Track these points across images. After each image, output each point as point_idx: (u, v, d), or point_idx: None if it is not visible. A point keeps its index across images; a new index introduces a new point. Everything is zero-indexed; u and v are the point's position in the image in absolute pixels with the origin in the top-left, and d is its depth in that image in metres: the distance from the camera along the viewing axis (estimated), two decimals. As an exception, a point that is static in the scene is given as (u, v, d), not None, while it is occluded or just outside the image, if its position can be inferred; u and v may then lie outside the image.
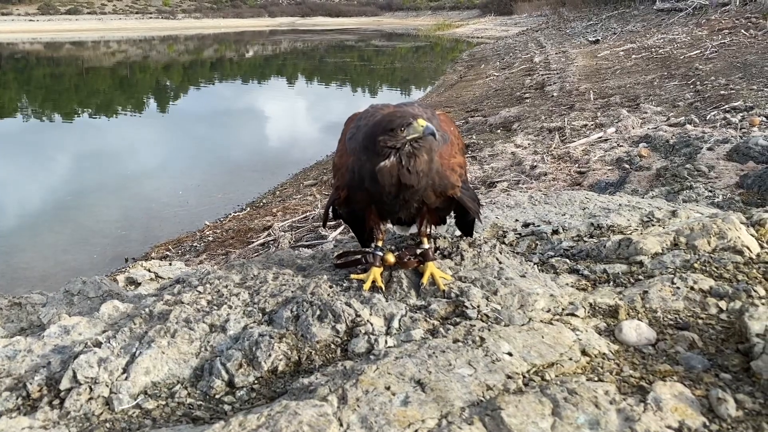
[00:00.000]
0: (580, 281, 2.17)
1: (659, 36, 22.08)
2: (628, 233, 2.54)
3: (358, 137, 2.01)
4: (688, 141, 6.62)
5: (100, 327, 2.10)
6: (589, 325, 1.86)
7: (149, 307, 2.11)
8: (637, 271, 2.18)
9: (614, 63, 18.19)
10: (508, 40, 39.56)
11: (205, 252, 7.87)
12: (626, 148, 7.36)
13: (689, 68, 13.76)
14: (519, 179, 7.22)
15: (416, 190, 1.95)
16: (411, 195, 1.97)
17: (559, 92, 14.23)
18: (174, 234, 9.29)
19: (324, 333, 1.87)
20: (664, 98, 11.10)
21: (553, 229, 2.68)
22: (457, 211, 2.32)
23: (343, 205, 2.17)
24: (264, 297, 2.08)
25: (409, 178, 1.91)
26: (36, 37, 69.73)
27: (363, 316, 1.92)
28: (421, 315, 1.93)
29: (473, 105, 15.86)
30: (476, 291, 2.00)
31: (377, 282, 2.08)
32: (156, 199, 11.64)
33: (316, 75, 37.70)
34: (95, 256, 8.81)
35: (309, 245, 6.69)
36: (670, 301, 1.93)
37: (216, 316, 1.99)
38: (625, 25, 29.89)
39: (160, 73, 40.28)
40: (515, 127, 11.06)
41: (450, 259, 2.29)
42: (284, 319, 1.93)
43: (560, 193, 3.47)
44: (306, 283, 2.15)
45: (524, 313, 1.90)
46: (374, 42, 61.59)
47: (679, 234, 2.35)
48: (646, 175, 5.94)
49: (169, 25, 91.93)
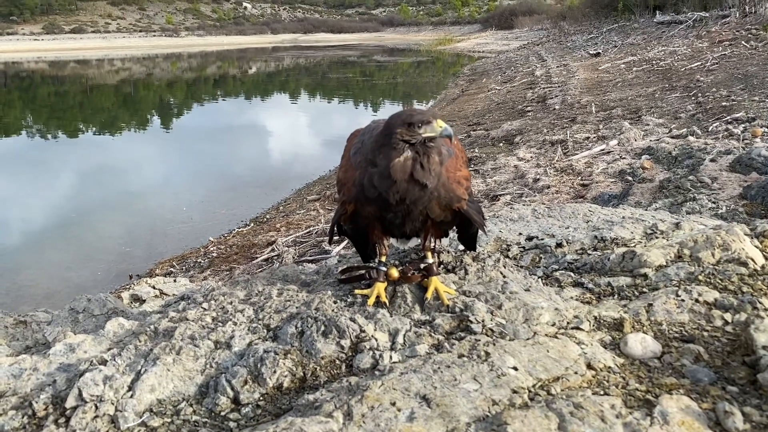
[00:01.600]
0: (585, 294, 2.17)
1: (660, 48, 22.17)
2: (632, 246, 2.54)
3: (365, 149, 2.02)
4: (691, 152, 6.63)
5: (105, 344, 2.11)
6: (594, 338, 1.86)
7: (154, 324, 2.12)
8: (641, 284, 2.18)
9: (615, 75, 18.25)
10: (509, 54, 39.76)
11: (210, 268, 7.88)
12: (629, 160, 7.37)
13: (690, 80, 13.80)
14: (522, 192, 7.23)
15: (424, 194, 1.94)
16: (418, 199, 1.95)
17: (560, 105, 14.28)
18: (178, 250, 9.31)
19: (329, 349, 1.87)
20: (666, 110, 11.13)
21: (556, 243, 2.68)
22: (461, 225, 2.32)
23: (349, 221, 2.17)
24: (269, 313, 2.09)
25: (423, 174, 1.91)
26: (41, 55, 70.50)
27: (367, 332, 1.92)
28: (425, 330, 1.92)
29: (475, 119, 15.91)
30: (481, 305, 2.00)
31: (381, 297, 2.08)
32: (160, 215, 11.67)
33: (319, 90, 37.93)
34: (99, 273, 8.82)
35: (313, 260, 6.70)
36: (675, 314, 1.93)
37: (221, 333, 1.99)
38: (626, 37, 30.02)
39: (163, 90, 40.57)
40: (518, 140, 11.08)
41: (454, 273, 2.29)
42: (289, 335, 1.93)
43: (563, 206, 3.47)
44: (310, 298, 2.15)
45: (529, 327, 1.90)
46: (376, 57, 62.00)
47: (683, 246, 2.35)
48: (649, 187, 5.94)
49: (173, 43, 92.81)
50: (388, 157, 1.91)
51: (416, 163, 1.91)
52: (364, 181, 1.97)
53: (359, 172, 2.00)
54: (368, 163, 1.97)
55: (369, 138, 2.03)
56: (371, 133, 2.05)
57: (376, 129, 2.04)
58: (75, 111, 30.98)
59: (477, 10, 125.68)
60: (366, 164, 1.98)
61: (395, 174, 1.90)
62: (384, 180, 1.92)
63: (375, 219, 2.07)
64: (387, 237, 2.21)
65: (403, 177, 1.90)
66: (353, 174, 2.04)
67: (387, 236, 2.20)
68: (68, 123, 26.67)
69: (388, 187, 1.92)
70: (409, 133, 1.91)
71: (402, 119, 1.92)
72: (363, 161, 2.00)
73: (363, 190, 1.98)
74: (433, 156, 1.93)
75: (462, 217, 2.14)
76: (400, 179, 1.90)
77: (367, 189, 1.96)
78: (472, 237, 2.43)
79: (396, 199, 1.94)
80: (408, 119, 1.92)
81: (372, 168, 1.95)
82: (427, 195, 1.95)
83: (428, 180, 1.92)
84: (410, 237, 2.28)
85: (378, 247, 2.20)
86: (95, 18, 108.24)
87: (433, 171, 1.93)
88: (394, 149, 1.91)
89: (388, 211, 2.00)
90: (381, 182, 1.93)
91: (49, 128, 25.31)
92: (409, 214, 2.00)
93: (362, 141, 2.08)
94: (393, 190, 1.92)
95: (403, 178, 1.90)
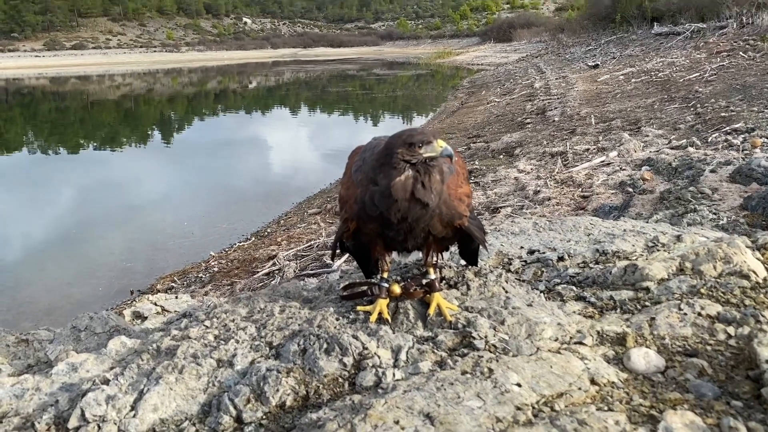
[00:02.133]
0: (587, 309, 2.17)
1: (658, 59, 22.28)
2: (634, 259, 2.54)
3: (366, 167, 2.03)
4: (691, 163, 6.64)
5: (107, 363, 2.10)
6: (597, 353, 1.85)
7: (156, 342, 2.11)
8: (643, 298, 2.18)
9: (614, 87, 18.33)
10: (508, 67, 39.95)
11: (211, 283, 7.87)
12: (629, 172, 7.38)
13: (689, 91, 13.86)
14: (523, 204, 7.23)
15: (425, 212, 1.95)
16: (419, 218, 1.96)
17: (560, 117, 14.33)
18: (179, 265, 9.30)
19: (331, 366, 1.87)
20: (665, 121, 11.17)
21: (558, 256, 2.69)
22: (462, 240, 2.33)
23: (351, 238, 2.18)
24: (271, 330, 2.09)
25: (424, 193, 1.92)
26: (42, 72, 70.94)
27: (370, 349, 1.92)
28: (428, 346, 1.92)
29: (475, 131, 15.96)
30: (483, 321, 2.00)
31: (383, 314, 2.08)
32: (161, 230, 11.68)
33: (319, 104, 38.09)
34: (101, 289, 8.82)
35: (314, 274, 6.69)
36: (678, 328, 1.92)
37: (223, 351, 1.99)
38: (624, 49, 30.18)
39: (164, 106, 40.76)
40: (517, 152, 11.11)
41: (456, 289, 2.29)
42: (291, 352, 1.93)
43: (565, 219, 3.47)
44: (312, 315, 2.15)
45: (532, 343, 1.90)
46: (375, 71, 62.32)
47: (685, 259, 2.35)
48: (649, 199, 5.94)
49: (173, 58, 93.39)
50: (389, 176, 1.92)
51: (417, 182, 1.92)
52: (365, 199, 1.98)
53: (360, 189, 2.01)
54: (369, 181, 1.98)
55: (370, 155, 2.04)
56: (372, 151, 2.05)
57: (377, 146, 2.05)
58: (76, 126, 31.12)
59: (475, 23, 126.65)
60: (367, 182, 1.99)
61: (396, 193, 1.91)
62: (385, 199, 1.93)
63: (377, 236, 2.08)
64: (389, 253, 2.21)
65: (404, 196, 1.91)
66: (355, 191, 2.05)
67: (389, 252, 2.21)
68: (69, 138, 26.77)
69: (389, 206, 1.93)
70: (409, 153, 1.92)
71: (402, 139, 1.94)
72: (364, 179, 2.01)
73: (365, 208, 1.99)
74: (434, 174, 1.94)
75: (463, 233, 2.15)
76: (401, 198, 1.91)
77: (369, 207, 1.97)
78: (473, 252, 2.43)
79: (397, 218, 1.95)
80: (408, 139, 1.93)
81: (373, 186, 1.96)
82: (428, 213, 1.96)
83: (429, 199, 1.93)
84: (412, 251, 2.28)
85: (380, 263, 2.20)
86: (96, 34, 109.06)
87: (434, 189, 1.94)
88: (395, 168, 1.92)
89: (389, 228, 2.01)
90: (382, 201, 1.93)
91: (50, 144, 25.41)
92: (411, 231, 2.01)
93: (363, 159, 2.09)
94: (394, 208, 1.93)
95: (404, 197, 1.91)
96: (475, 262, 2.48)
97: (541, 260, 2.70)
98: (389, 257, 2.22)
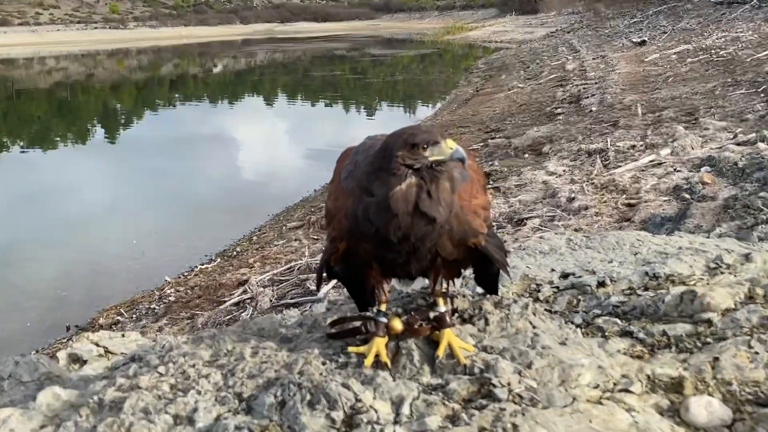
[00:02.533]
0: (635, 347, 2.17)
1: (719, 34, 22.43)
2: (692, 284, 2.55)
3: (358, 173, 2.01)
4: (762, 163, 6.66)
5: (37, 421, 2.09)
6: (647, 403, 1.85)
7: (98, 393, 2.11)
8: (704, 332, 2.18)
9: (665, 69, 18.45)
10: (533, 44, 40.23)
11: (166, 316, 7.87)
12: (685, 174, 7.41)
13: (758, 73, 13.94)
14: (554, 215, 7.26)
15: (432, 229, 1.92)
16: (425, 236, 1.93)
17: (598, 106, 14.41)
18: (127, 294, 9.30)
19: (316, 423, 1.86)
20: (729, 111, 11.22)
21: (598, 281, 2.69)
22: (478, 263, 2.29)
23: (341, 261, 2.15)
24: (240, 379, 2.08)
25: (430, 206, 1.88)
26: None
27: (365, 401, 1.91)
28: (437, 397, 1.92)
29: (493, 124, 16.04)
30: (505, 364, 1.99)
31: (381, 356, 2.07)
32: (104, 250, 11.68)
33: (300, 92, 38.30)
34: (29, 325, 8.80)
35: (295, 304, 6.69)
36: (748, 370, 1.92)
37: (181, 405, 1.99)
38: (677, 21, 30.40)
39: (107, 95, 40.91)
40: (546, 150, 11.16)
41: (471, 323, 2.29)
42: (266, 406, 1.93)
43: (605, 234, 3.48)
44: (292, 359, 2.15)
45: (566, 391, 1.89)
46: (370, 50, 62.68)
47: (755, 284, 2.35)
48: (710, 207, 5.96)
49: (119, 37, 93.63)
50: (386, 184, 1.89)
51: (422, 192, 1.88)
52: (358, 213, 1.95)
53: (352, 201, 1.98)
54: (363, 190, 1.95)
55: (364, 159, 2.02)
56: (366, 153, 2.04)
57: (372, 147, 2.03)
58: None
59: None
60: (360, 192, 1.96)
61: (396, 206, 1.87)
62: (382, 213, 1.89)
63: (373, 258, 2.06)
64: (388, 280, 2.19)
65: (406, 209, 1.87)
66: (345, 203, 2.02)
67: (388, 279, 2.19)
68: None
69: (388, 221, 1.89)
70: (412, 157, 1.89)
71: (403, 139, 1.91)
72: (357, 188, 1.98)
73: (357, 224, 1.96)
74: (443, 182, 1.91)
75: (480, 254, 2.13)
76: (402, 212, 1.87)
77: (362, 223, 1.94)
78: (492, 277, 2.41)
79: (398, 237, 1.91)
80: (411, 139, 1.91)
81: (368, 197, 1.93)
82: (436, 230, 1.92)
83: (437, 212, 1.89)
84: (416, 277, 2.26)
85: (377, 292, 2.19)
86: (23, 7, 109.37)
87: (443, 200, 1.91)
88: (394, 175, 1.88)
89: (388, 250, 1.98)
90: (378, 216, 1.90)
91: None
92: (414, 252, 1.98)
93: (355, 162, 2.07)
94: (393, 225, 1.89)
95: (405, 210, 1.87)
96: (494, 289, 2.48)
97: (576, 286, 2.71)
98: (388, 285, 2.21)
